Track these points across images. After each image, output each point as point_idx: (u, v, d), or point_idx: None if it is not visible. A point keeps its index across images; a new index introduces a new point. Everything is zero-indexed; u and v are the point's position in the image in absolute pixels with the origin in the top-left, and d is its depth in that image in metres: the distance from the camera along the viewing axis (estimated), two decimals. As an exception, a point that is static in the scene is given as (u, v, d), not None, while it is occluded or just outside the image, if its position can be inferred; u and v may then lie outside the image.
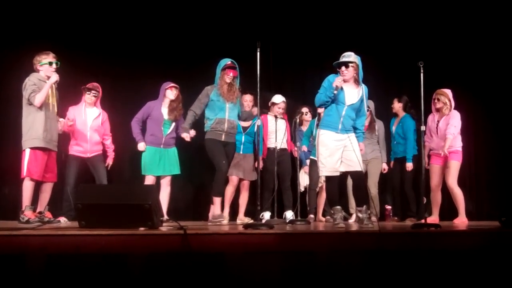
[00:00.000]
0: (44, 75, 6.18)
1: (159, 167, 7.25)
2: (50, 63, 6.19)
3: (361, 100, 5.67)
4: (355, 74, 5.62)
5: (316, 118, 7.60)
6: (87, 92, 7.17)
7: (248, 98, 7.51)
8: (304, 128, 8.07)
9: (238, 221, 7.52)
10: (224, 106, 6.66)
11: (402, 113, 8.13)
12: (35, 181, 6.05)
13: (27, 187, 6.02)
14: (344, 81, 5.57)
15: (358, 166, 5.57)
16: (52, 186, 6.30)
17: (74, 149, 7.13)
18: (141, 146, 7.22)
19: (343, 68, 5.58)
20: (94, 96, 7.21)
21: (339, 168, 5.62)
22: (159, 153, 7.26)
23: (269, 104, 7.77)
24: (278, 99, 7.69)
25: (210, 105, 6.73)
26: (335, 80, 5.51)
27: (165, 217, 7.08)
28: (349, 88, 5.64)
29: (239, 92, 6.84)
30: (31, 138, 6.03)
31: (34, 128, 6.03)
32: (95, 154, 7.20)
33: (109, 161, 7.39)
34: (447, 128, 7.05)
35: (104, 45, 8.19)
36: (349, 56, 5.61)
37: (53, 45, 6.70)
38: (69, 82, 6.67)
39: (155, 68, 8.26)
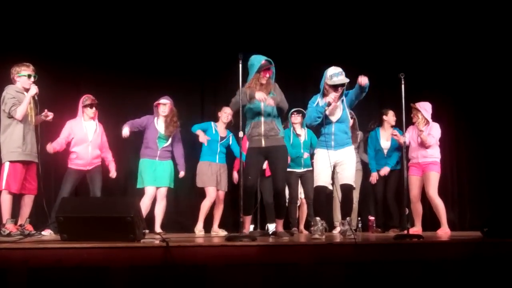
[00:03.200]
0: (21, 86, 6.14)
1: (155, 179, 7.26)
2: (29, 76, 6.15)
3: (343, 109, 5.78)
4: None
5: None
6: (89, 107, 7.12)
7: (228, 111, 7.55)
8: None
9: (213, 233, 7.53)
10: (259, 106, 5.80)
11: (391, 126, 8.12)
12: (12, 194, 6.00)
13: (5, 200, 5.98)
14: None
15: (349, 180, 5.75)
16: (33, 198, 6.24)
17: (75, 163, 7.08)
18: (125, 130, 7.11)
19: (339, 88, 5.68)
20: (95, 109, 7.19)
21: (336, 182, 5.92)
22: (154, 164, 7.26)
23: None
24: None
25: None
26: (329, 96, 5.60)
27: (159, 230, 7.11)
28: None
29: (274, 85, 5.96)
30: (10, 151, 6.00)
31: (12, 141, 6.00)
32: (94, 166, 7.16)
33: (113, 174, 7.33)
34: (427, 137, 7.17)
35: (86, 56, 8.12)
36: (342, 74, 5.70)
37: (31, 55, 6.68)
38: (50, 94, 6.59)
39: (137, 80, 8.21)
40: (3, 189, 5.97)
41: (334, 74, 5.69)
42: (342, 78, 5.68)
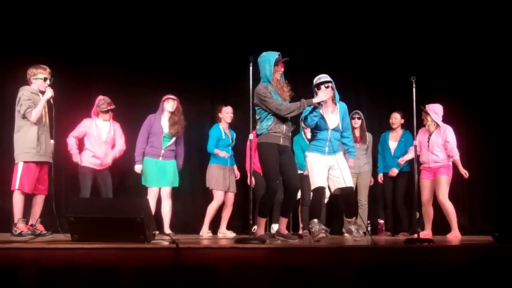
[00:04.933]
0: (36, 88, 6.16)
1: (159, 179, 7.26)
2: (45, 79, 6.18)
3: (342, 119, 5.96)
4: (332, 94, 5.85)
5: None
6: (105, 110, 7.16)
7: (229, 110, 7.60)
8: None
9: (220, 235, 7.53)
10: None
11: (400, 128, 8.14)
12: (25, 194, 6.03)
13: (18, 200, 6.00)
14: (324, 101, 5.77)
15: (350, 183, 5.87)
16: (44, 198, 6.26)
17: (89, 161, 7.12)
18: (137, 168, 7.25)
19: (323, 87, 5.78)
20: (112, 111, 7.23)
21: (331, 185, 5.94)
22: (157, 164, 7.27)
23: None
24: None
25: None
26: (319, 95, 5.70)
27: (168, 230, 7.12)
28: (328, 112, 5.92)
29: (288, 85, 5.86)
30: (24, 152, 6.02)
31: (27, 141, 6.02)
32: (106, 167, 7.21)
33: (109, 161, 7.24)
34: (449, 150, 7.16)
35: (98, 57, 8.18)
36: (326, 77, 5.85)
37: (46, 56, 6.73)
38: (62, 93, 6.61)
39: (148, 80, 8.26)
40: (16, 189, 5.99)
41: (319, 77, 5.88)
42: (325, 76, 5.85)
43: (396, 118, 8.08)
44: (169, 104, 7.32)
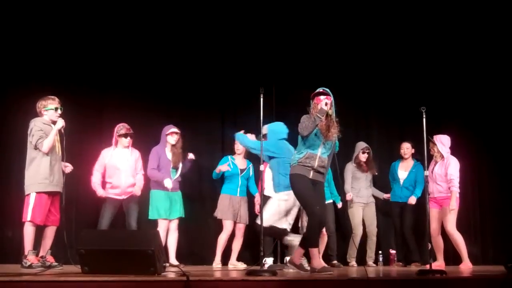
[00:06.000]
0: (48, 119, 6.21)
1: (169, 211, 7.27)
2: (56, 109, 6.24)
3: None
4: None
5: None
6: (123, 137, 7.15)
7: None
8: None
9: (230, 266, 7.48)
10: (319, 142, 5.66)
11: (411, 158, 8.14)
12: (36, 225, 6.02)
13: (29, 232, 5.98)
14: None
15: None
16: (55, 230, 6.25)
17: (109, 192, 7.10)
18: (167, 181, 7.18)
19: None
20: (130, 138, 7.22)
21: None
22: (168, 196, 7.28)
23: None
24: None
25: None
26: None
27: (175, 261, 7.09)
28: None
29: (338, 125, 5.75)
30: (37, 183, 6.02)
31: (40, 172, 6.03)
32: (130, 195, 7.14)
33: (137, 191, 7.21)
34: (449, 181, 7.12)
35: (108, 85, 8.25)
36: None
37: (52, 85, 6.80)
38: (73, 123, 6.63)
39: (159, 109, 8.28)
40: (29, 221, 5.96)
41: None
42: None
43: (408, 148, 8.08)
44: (173, 138, 7.36)
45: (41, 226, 6.09)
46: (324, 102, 5.56)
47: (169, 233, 7.30)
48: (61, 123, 6.15)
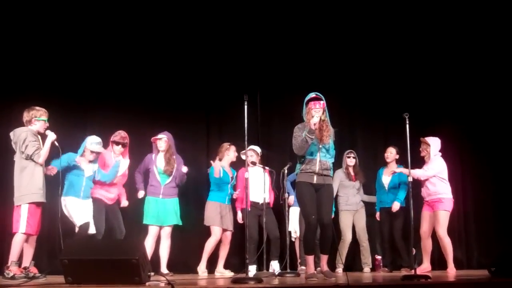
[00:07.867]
0: (36, 129, 6.15)
1: (159, 218, 7.22)
2: (45, 121, 6.19)
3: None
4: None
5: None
6: (115, 144, 7.12)
7: (233, 149, 7.65)
8: None
9: (217, 274, 7.45)
10: (316, 148, 5.86)
11: (395, 163, 8.15)
12: (28, 236, 5.95)
13: (18, 242, 5.90)
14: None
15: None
16: (35, 239, 6.17)
17: (102, 194, 7.02)
18: (140, 194, 7.31)
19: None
20: (123, 147, 7.17)
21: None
22: (157, 203, 7.24)
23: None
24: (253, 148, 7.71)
25: None
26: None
27: (165, 270, 7.05)
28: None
29: (331, 128, 6.01)
30: (31, 193, 5.95)
31: (33, 183, 5.97)
32: (115, 202, 7.18)
33: (125, 203, 7.31)
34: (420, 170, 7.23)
35: (92, 92, 8.14)
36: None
37: (41, 97, 6.71)
38: (56, 131, 6.58)
39: (143, 115, 8.14)
40: (24, 233, 5.88)
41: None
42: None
43: (391, 153, 8.10)
44: (158, 144, 7.36)
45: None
46: (313, 122, 5.70)
47: (161, 241, 7.25)
48: (54, 135, 6.12)
